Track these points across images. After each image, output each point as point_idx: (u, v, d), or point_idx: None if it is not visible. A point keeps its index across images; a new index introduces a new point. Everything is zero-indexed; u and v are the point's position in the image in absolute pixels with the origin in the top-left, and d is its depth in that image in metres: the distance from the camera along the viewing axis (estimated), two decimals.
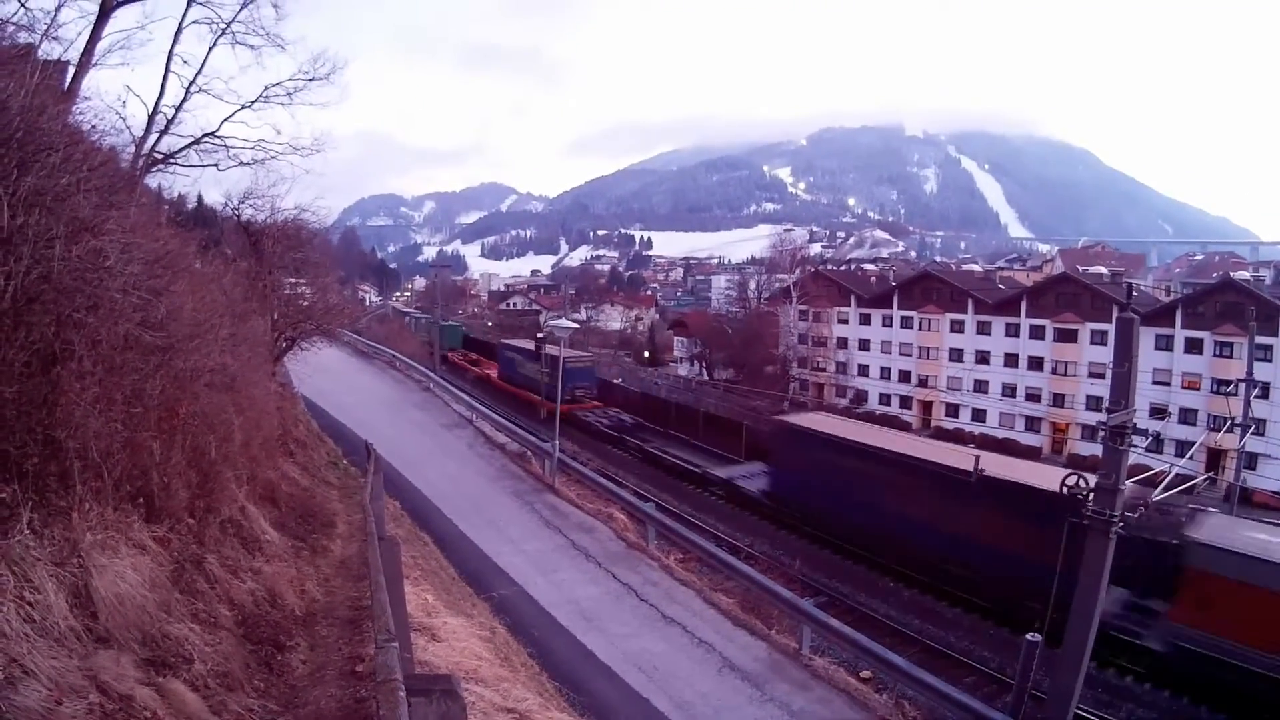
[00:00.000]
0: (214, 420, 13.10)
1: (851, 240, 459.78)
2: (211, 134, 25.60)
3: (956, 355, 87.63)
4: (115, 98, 22.93)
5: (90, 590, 8.03)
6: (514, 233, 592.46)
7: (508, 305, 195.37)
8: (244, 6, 24.46)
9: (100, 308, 9.38)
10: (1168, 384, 70.16)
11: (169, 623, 8.92)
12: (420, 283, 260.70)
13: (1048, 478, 26.56)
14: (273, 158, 27.07)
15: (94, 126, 16.37)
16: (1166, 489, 18.78)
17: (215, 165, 26.39)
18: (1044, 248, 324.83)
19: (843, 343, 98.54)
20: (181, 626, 9.04)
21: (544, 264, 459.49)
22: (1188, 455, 27.77)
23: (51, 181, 9.04)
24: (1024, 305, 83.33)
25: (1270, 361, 61.28)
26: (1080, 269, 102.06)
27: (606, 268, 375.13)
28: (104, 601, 8.06)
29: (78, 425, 8.88)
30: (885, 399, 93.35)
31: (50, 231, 8.59)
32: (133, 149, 23.54)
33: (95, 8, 21.67)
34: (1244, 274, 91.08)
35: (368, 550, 13.65)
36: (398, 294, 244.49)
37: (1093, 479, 17.20)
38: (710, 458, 51.47)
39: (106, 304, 9.48)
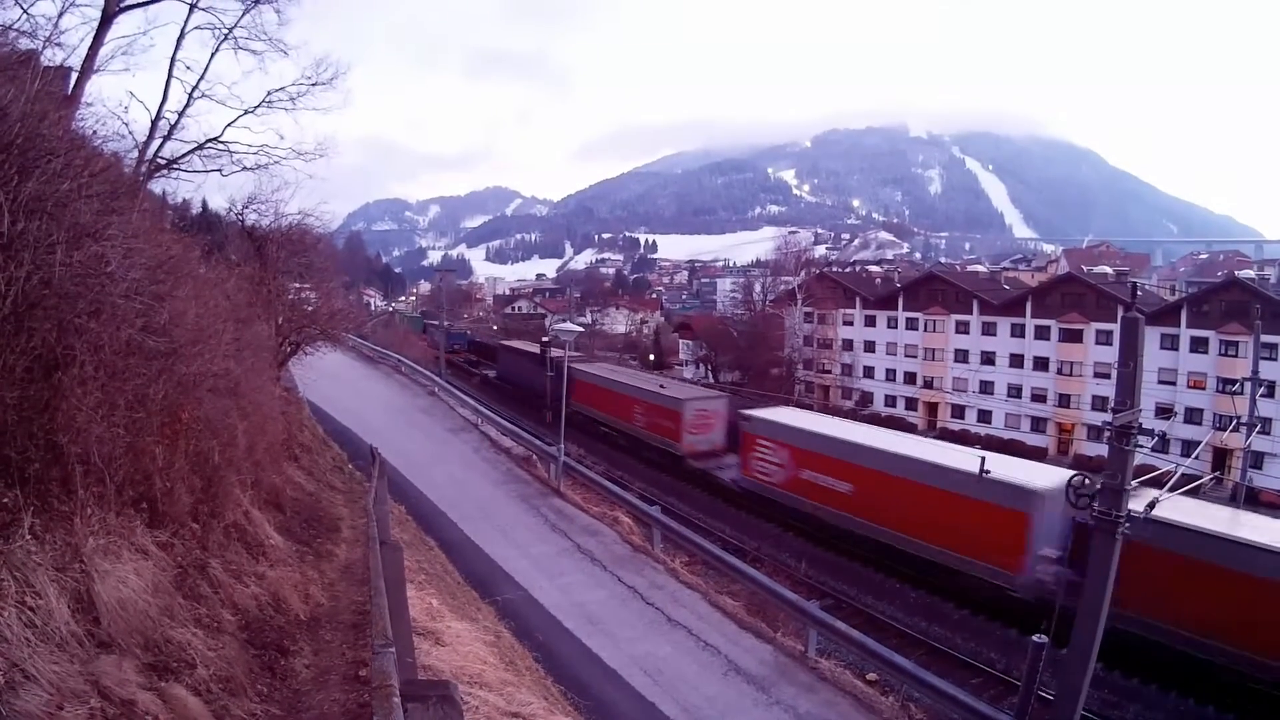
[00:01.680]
0: (217, 425, 13.11)
1: (856, 242, 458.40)
2: (214, 139, 25.53)
3: (962, 356, 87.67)
4: (117, 104, 22.78)
5: (92, 595, 8.03)
6: (519, 236, 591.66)
7: (513, 309, 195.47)
8: (246, 12, 24.38)
9: (102, 313, 9.39)
10: (1173, 383, 70.13)
11: (171, 627, 8.93)
12: (425, 287, 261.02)
13: (533, 347, 71.94)
14: (276, 163, 27.03)
15: (95, 132, 16.38)
16: (1173, 489, 18.72)
17: (219, 170, 26.36)
18: (1049, 248, 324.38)
19: (848, 345, 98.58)
20: (184, 631, 9.04)
21: (549, 268, 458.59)
22: (1193, 455, 27.79)
23: (52, 187, 9.04)
24: (1029, 306, 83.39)
25: (1276, 360, 61.33)
26: (1085, 269, 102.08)
27: (611, 271, 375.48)
28: (106, 606, 8.06)
29: (80, 430, 8.88)
30: (891, 400, 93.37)
31: (51, 237, 8.59)
32: (136, 155, 23.55)
33: (98, 14, 21.65)
34: (1249, 272, 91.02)
35: (369, 555, 13.65)
36: (402, 298, 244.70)
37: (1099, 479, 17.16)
38: (493, 369, 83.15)
39: (108, 309, 9.49)
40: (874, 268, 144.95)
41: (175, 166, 25.54)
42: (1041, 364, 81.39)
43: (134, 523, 9.72)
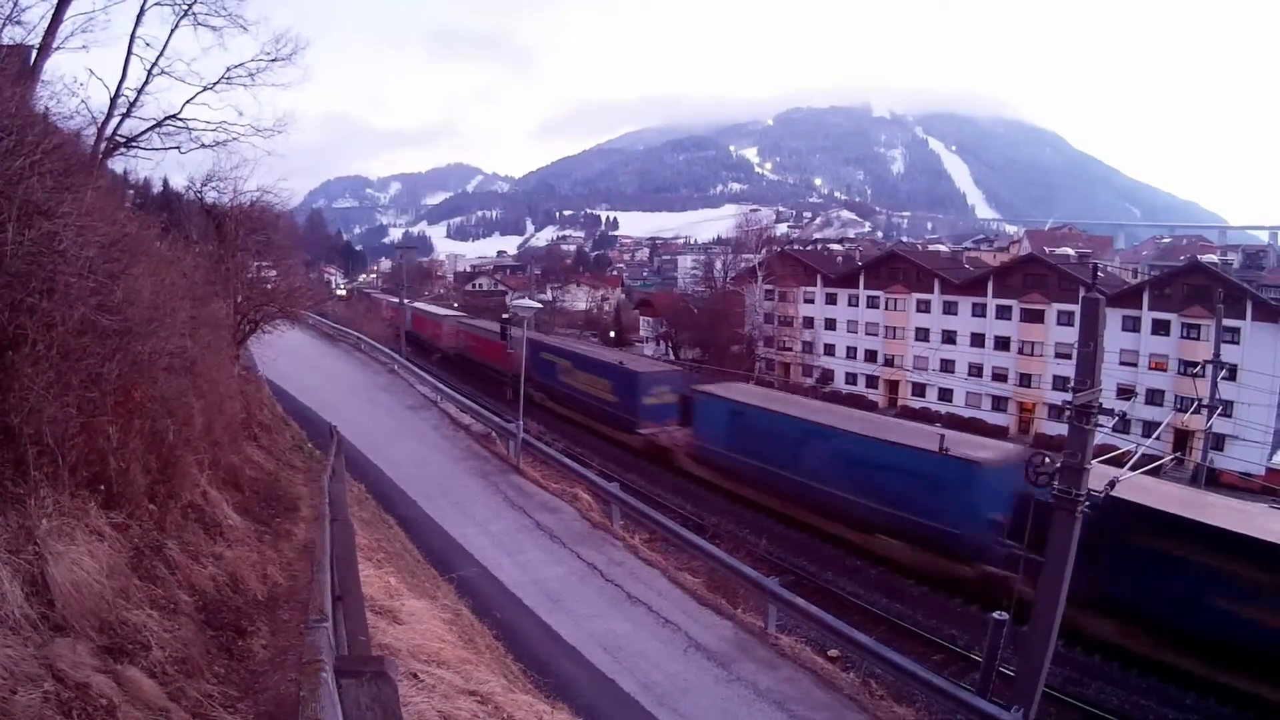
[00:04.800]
0: (174, 404, 12.99)
1: (818, 220, 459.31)
2: (173, 116, 25.36)
3: (923, 335, 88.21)
4: (74, 80, 22.67)
5: (46, 578, 7.95)
6: (480, 213, 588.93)
7: (474, 286, 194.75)
8: None
9: (55, 292, 9.30)
10: (1135, 365, 70.78)
11: (127, 609, 8.85)
12: (386, 264, 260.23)
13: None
14: (234, 139, 26.86)
15: (50, 110, 16.28)
16: (1133, 468, 18.94)
17: (177, 148, 26.22)
18: (1011, 229, 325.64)
19: (809, 322, 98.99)
20: (140, 613, 8.97)
21: (510, 244, 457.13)
22: (1154, 435, 28.03)
23: (4, 165, 8.95)
24: (990, 286, 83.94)
25: (1237, 344, 62.03)
26: (1047, 250, 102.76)
27: (572, 248, 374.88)
28: (60, 589, 7.99)
29: (32, 410, 8.80)
30: (851, 378, 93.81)
31: (2, 215, 8.50)
32: (94, 133, 23.37)
33: None
34: (1212, 257, 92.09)
35: (317, 532, 13.60)
36: (363, 275, 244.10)
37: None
38: None
39: (61, 288, 9.40)
40: (835, 246, 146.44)
41: (134, 144, 25.39)
42: (1003, 343, 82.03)
43: (88, 504, 9.62)
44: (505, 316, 68.68)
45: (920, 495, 33.18)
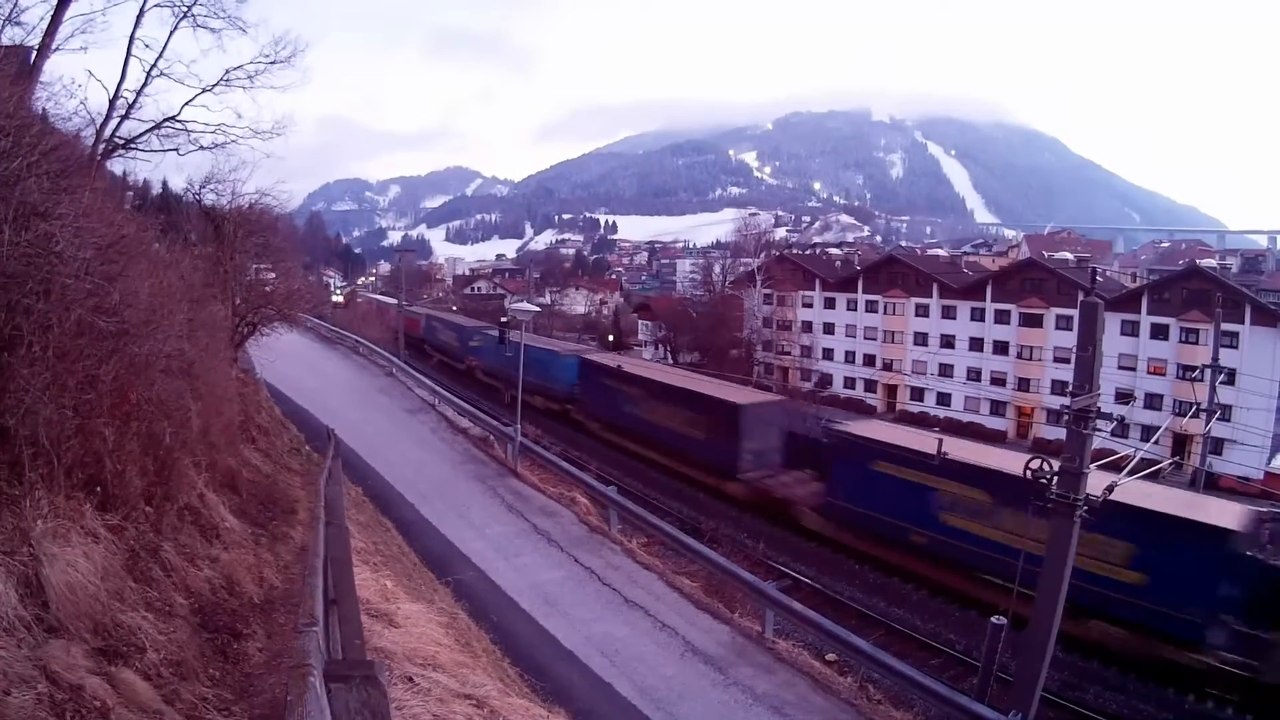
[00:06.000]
0: (170, 406, 12.96)
1: (817, 224, 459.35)
2: (172, 118, 25.38)
3: (921, 339, 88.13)
4: (73, 81, 22.66)
5: (41, 579, 7.94)
6: (479, 217, 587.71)
7: (472, 289, 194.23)
8: None
9: (51, 293, 9.29)
10: (1133, 369, 70.88)
11: (122, 611, 8.83)
12: (385, 267, 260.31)
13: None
14: (233, 142, 26.94)
15: (47, 111, 16.29)
16: (1131, 473, 18.89)
17: (176, 150, 26.21)
18: (1010, 233, 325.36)
19: (807, 326, 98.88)
20: (135, 615, 8.95)
21: (509, 248, 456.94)
22: (1153, 440, 28.11)
23: (1, 166, 8.93)
24: (989, 290, 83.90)
25: (1235, 348, 62.01)
26: (1046, 255, 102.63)
27: (571, 252, 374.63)
28: (55, 591, 7.98)
29: (28, 412, 8.79)
30: (850, 382, 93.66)
31: None
32: (93, 134, 23.37)
33: None
34: (1210, 261, 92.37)
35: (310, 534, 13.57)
36: (362, 279, 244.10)
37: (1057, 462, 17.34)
38: None
39: (57, 290, 9.39)
40: (834, 250, 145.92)
41: (133, 146, 25.39)
42: (1001, 348, 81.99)
43: (84, 506, 9.61)
44: (503, 320, 69.06)
45: (546, 372, 61.63)
